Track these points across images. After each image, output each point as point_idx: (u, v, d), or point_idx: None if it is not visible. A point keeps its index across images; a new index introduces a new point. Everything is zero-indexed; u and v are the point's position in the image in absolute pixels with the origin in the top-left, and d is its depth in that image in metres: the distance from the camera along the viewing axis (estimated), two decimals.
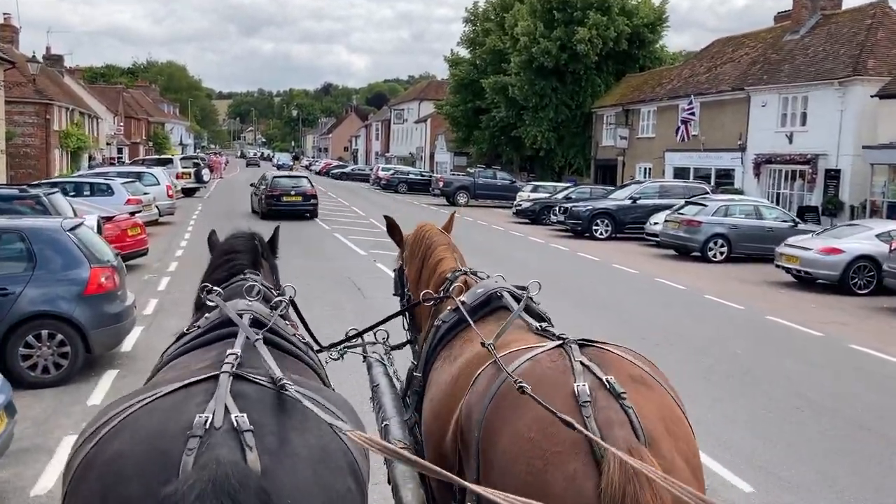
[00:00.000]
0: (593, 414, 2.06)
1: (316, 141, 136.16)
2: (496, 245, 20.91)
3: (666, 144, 32.87)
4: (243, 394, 1.87)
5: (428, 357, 3.06)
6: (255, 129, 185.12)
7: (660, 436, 2.09)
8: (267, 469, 1.70)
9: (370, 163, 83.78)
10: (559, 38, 38.38)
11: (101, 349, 7.58)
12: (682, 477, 2.00)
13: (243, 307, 2.41)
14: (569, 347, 2.34)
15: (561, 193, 29.80)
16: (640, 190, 24.27)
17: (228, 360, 1.99)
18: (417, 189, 47.61)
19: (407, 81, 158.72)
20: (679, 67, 35.68)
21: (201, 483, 1.56)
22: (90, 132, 42.91)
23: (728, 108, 29.21)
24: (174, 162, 35.90)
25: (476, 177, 38.73)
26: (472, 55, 48.46)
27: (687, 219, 19.15)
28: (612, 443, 1.98)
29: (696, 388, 7.81)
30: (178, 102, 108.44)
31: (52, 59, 45.14)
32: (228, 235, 3.38)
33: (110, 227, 13.85)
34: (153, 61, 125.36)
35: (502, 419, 2.20)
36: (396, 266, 4.02)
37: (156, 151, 68.08)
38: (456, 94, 48.74)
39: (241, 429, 1.74)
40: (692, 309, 12.52)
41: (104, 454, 1.76)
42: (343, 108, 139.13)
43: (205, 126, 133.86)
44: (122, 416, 1.84)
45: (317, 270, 14.83)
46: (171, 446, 1.70)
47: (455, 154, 57.65)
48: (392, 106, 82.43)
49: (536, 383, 2.18)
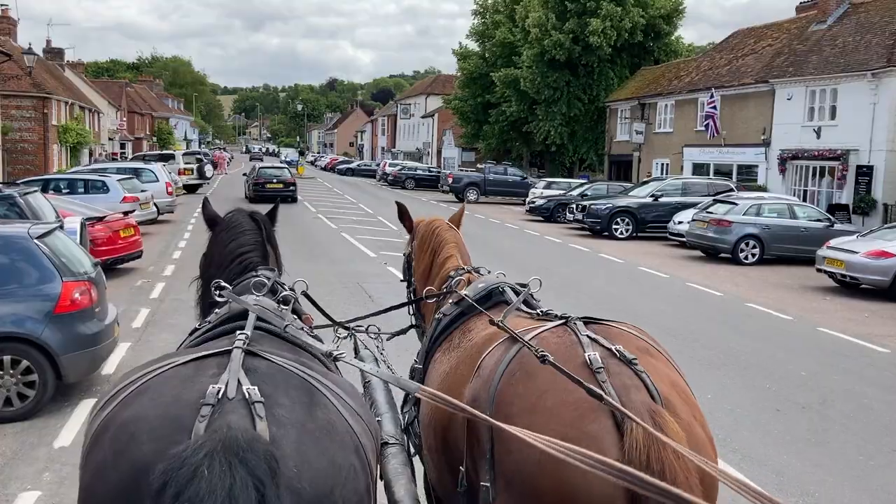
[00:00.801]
0: (608, 379, 2.08)
1: (321, 136, 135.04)
2: (512, 245, 19.82)
3: (684, 139, 31.69)
4: (254, 368, 1.93)
5: (429, 349, 3.07)
6: (260, 125, 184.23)
7: (675, 399, 2.12)
8: (275, 437, 1.74)
9: (376, 158, 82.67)
10: (572, 30, 37.16)
11: (75, 376, 6.51)
12: (699, 439, 2.07)
13: (252, 303, 2.44)
14: (573, 324, 2.37)
15: (576, 190, 28.66)
16: (662, 187, 23.11)
17: (240, 337, 2.06)
18: (425, 185, 46.52)
19: (412, 77, 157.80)
20: (698, 59, 34.44)
21: (211, 443, 1.59)
22: (91, 127, 41.90)
23: (751, 101, 28.00)
24: (176, 157, 34.87)
25: (486, 173, 37.60)
26: (482, 48, 47.26)
27: (716, 218, 18.00)
28: (631, 406, 2.00)
29: (776, 423, 6.71)
30: (183, 97, 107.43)
31: (52, 52, 44.17)
32: (231, 221, 3.22)
33: (101, 228, 12.81)
34: (158, 56, 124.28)
35: (514, 393, 2.20)
36: (406, 251, 4.05)
37: (160, 147, 67.33)
38: (465, 89, 47.55)
39: (251, 399, 1.78)
40: (736, 319, 11.39)
41: (119, 419, 1.81)
42: (348, 103, 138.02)
43: (210, 121, 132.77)
44: (139, 384, 1.90)
45: (324, 275, 13.76)
46: (184, 412, 1.75)
47: (463, 149, 56.49)
48: (398, 101, 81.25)
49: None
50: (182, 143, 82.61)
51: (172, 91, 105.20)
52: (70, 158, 35.84)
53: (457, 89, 49.07)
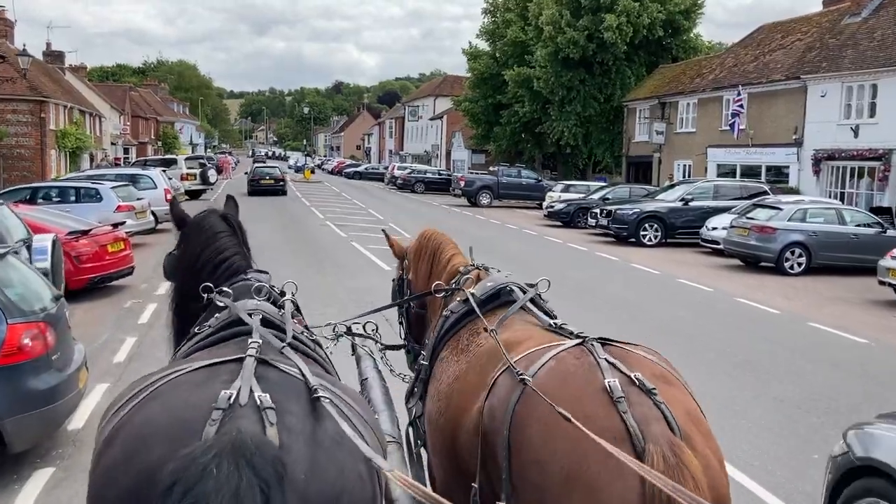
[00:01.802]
0: (629, 409, 2.06)
1: (328, 139, 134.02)
2: (535, 254, 18.46)
3: (708, 139, 30.24)
4: (266, 377, 1.92)
5: (435, 346, 3.03)
6: (266, 129, 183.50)
7: (692, 432, 2.11)
8: (284, 444, 1.73)
9: (384, 161, 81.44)
10: (586, 27, 35.78)
11: (24, 443, 5.16)
12: (716, 472, 2.08)
13: (252, 307, 2.42)
14: (590, 345, 2.33)
15: (596, 194, 27.26)
16: (692, 190, 21.70)
17: (252, 345, 2.05)
18: (435, 189, 45.18)
19: (418, 79, 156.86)
20: (721, 56, 32.99)
21: (220, 445, 1.60)
22: (91, 131, 40.73)
23: (781, 98, 26.54)
24: (178, 162, 33.62)
25: (499, 176, 36.21)
26: (492, 48, 45.91)
27: (758, 224, 16.58)
28: (652, 438, 2.00)
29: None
30: (189, 101, 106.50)
31: (52, 55, 43.04)
32: (204, 222, 3.04)
33: (85, 242, 11.52)
34: (163, 60, 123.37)
35: (533, 417, 2.15)
36: (396, 276, 4.02)
37: (165, 151, 66.24)
38: (475, 89, 46.18)
39: (263, 406, 1.78)
40: (804, 344, 9.98)
41: (131, 423, 1.82)
42: (355, 106, 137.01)
43: (216, 125, 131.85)
44: (150, 389, 1.90)
45: (333, 290, 12.46)
46: (195, 417, 1.74)
47: (473, 151, 55.14)
48: (406, 103, 79.96)
49: (563, 380, 2.20)
50: (188, 147, 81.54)
51: (178, 95, 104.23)
52: (69, 164, 34.64)
53: (467, 90, 47.72)
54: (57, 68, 42.29)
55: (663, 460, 1.94)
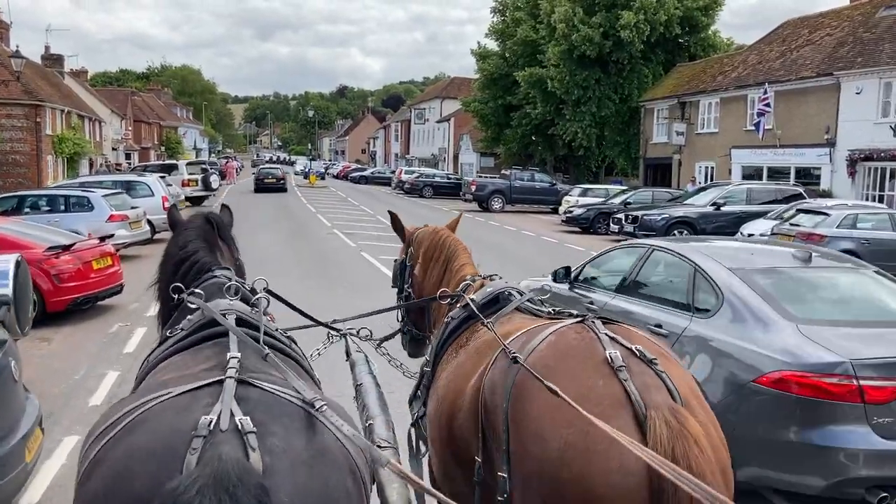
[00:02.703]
0: (630, 378, 2.08)
1: (332, 143, 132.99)
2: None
3: (731, 140, 28.92)
4: (247, 397, 1.90)
5: (437, 352, 3.08)
6: (271, 133, 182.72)
7: (693, 401, 2.13)
8: (268, 468, 1.73)
9: (389, 165, 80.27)
10: (601, 24, 34.50)
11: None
12: (715, 440, 2.06)
13: (225, 307, 2.41)
14: (591, 322, 2.35)
15: (617, 198, 25.95)
16: (724, 194, 20.36)
17: (231, 364, 2.01)
18: (444, 193, 43.94)
19: (422, 83, 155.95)
20: (744, 53, 31.64)
21: (203, 478, 1.58)
22: (91, 136, 39.59)
23: (811, 96, 25.20)
24: (179, 168, 32.43)
25: (512, 179, 34.93)
26: (502, 48, 44.66)
27: (805, 231, 15.24)
28: (653, 404, 2.01)
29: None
30: (192, 106, 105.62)
31: (50, 59, 41.96)
32: (185, 223, 3.17)
33: (67, 259, 10.25)
34: (167, 65, 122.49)
35: (534, 387, 2.15)
36: (399, 259, 3.98)
37: (168, 156, 65.20)
38: (484, 90, 44.91)
39: (244, 430, 1.76)
40: None
41: (113, 452, 1.79)
42: (359, 109, 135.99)
43: (220, 130, 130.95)
44: (132, 416, 1.85)
45: (343, 310, 11.11)
46: (176, 445, 1.73)
47: (481, 155, 53.89)
48: (412, 105, 78.73)
49: (565, 352, 2.23)
50: (191, 152, 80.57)
51: (182, 100, 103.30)
52: (67, 170, 33.48)
53: (476, 91, 46.45)
54: (56, 72, 41.20)
55: (666, 425, 1.95)
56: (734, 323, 4.78)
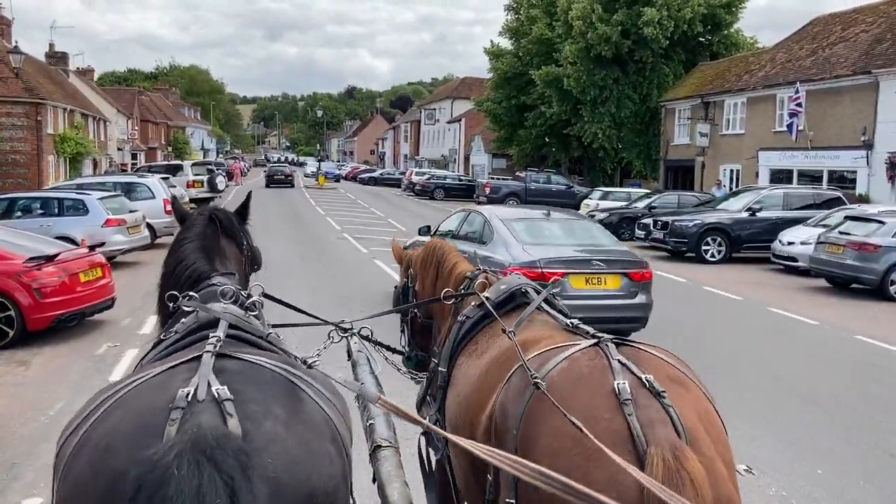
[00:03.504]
0: (635, 412, 2.05)
1: (341, 144, 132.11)
2: None
3: (759, 142, 27.66)
4: (225, 368, 1.92)
5: (452, 352, 2.99)
6: (279, 134, 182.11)
7: (700, 435, 2.08)
8: (248, 432, 1.74)
9: (398, 166, 79.21)
10: (620, 23, 33.28)
11: None
12: (720, 477, 2.03)
13: (219, 310, 2.39)
14: (605, 346, 2.32)
15: (640, 202, 24.74)
16: (760, 199, 19.12)
17: (211, 341, 2.05)
18: (456, 195, 42.79)
19: (430, 84, 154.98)
20: (770, 51, 30.36)
21: (181, 444, 1.60)
22: (95, 136, 38.62)
23: (846, 96, 23.93)
24: (185, 168, 31.39)
25: (527, 182, 33.78)
26: (516, 46, 43.47)
27: (857, 241, 14.02)
28: (654, 441, 1.99)
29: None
30: (200, 106, 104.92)
31: (54, 56, 41.01)
32: (188, 223, 3.13)
33: (51, 271, 9.18)
34: (175, 65, 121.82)
35: (542, 416, 2.16)
36: (400, 284, 4.04)
37: (175, 156, 64.34)
38: (498, 90, 43.70)
39: (221, 398, 1.78)
40: None
41: (95, 434, 1.79)
42: (368, 110, 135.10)
43: (228, 131, 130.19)
44: (112, 400, 1.87)
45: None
46: (156, 418, 1.74)
47: (493, 156, 52.69)
48: (422, 106, 77.58)
49: (575, 381, 2.22)
50: (199, 152, 79.72)
51: (190, 100, 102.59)
52: (70, 170, 32.50)
53: (489, 90, 45.24)
54: (60, 70, 40.28)
55: (663, 463, 1.93)
56: (498, 246, 9.23)
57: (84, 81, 46.43)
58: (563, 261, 8.67)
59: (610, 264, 8.94)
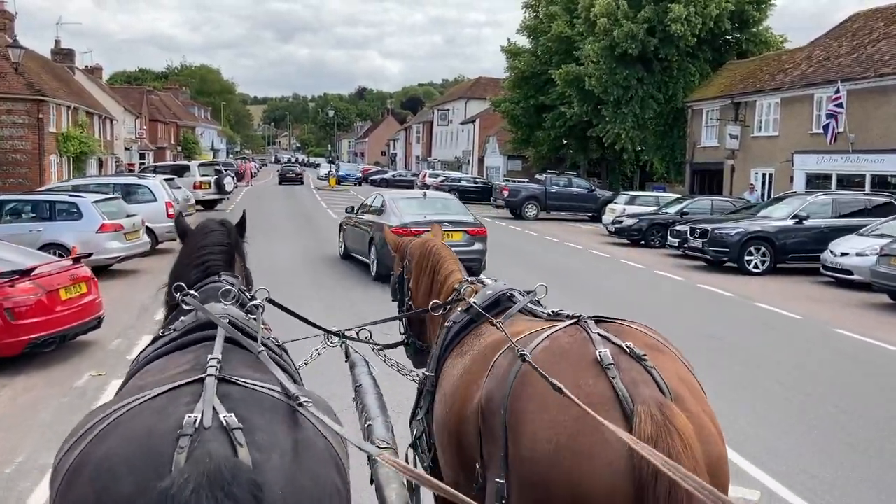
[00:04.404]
0: (618, 375, 2.13)
1: (351, 145, 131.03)
2: (623, 288, 14.67)
3: (794, 144, 26.20)
4: (228, 394, 1.88)
5: (440, 357, 3.05)
6: (289, 134, 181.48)
7: (684, 393, 2.15)
8: (257, 463, 1.71)
9: (410, 168, 77.98)
10: (647, 20, 31.89)
11: None
12: (708, 431, 2.11)
13: (220, 311, 2.37)
14: (585, 322, 2.41)
15: (671, 207, 23.37)
16: (807, 205, 17.71)
17: (211, 363, 1.99)
18: (471, 198, 41.34)
19: (441, 85, 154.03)
20: (806, 49, 28.88)
21: (196, 477, 1.57)
22: (101, 135, 37.57)
23: (893, 95, 22.46)
24: (191, 169, 30.27)
25: (548, 184, 32.43)
26: (534, 44, 42.14)
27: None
28: (640, 400, 2.04)
29: None
30: (211, 106, 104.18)
31: (60, 53, 40.03)
32: (199, 226, 3.16)
33: (27, 288, 7.95)
34: (186, 65, 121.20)
35: (529, 393, 2.22)
36: (395, 272, 4.08)
37: (185, 156, 63.44)
38: (515, 89, 42.36)
39: (230, 427, 1.74)
40: None
41: (95, 455, 1.74)
42: (379, 111, 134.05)
43: (238, 131, 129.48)
44: (110, 419, 1.82)
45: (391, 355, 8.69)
46: (162, 445, 1.70)
47: (509, 157, 51.34)
48: (435, 106, 76.32)
49: (559, 355, 2.28)
50: (208, 152, 78.83)
51: (200, 100, 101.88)
52: (73, 170, 31.43)
53: (506, 90, 43.90)
54: (66, 67, 39.26)
55: (650, 419, 1.97)
56: (388, 215, 13.87)
57: (91, 79, 45.47)
58: (423, 222, 12.10)
59: (455, 224, 13.48)
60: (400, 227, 12.07)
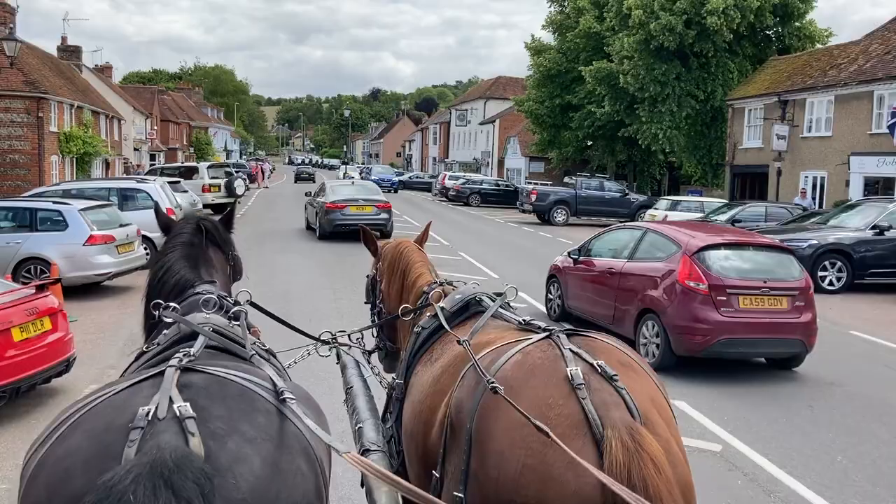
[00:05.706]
0: (589, 396, 2.08)
1: (366, 146, 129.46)
2: None
3: (850, 145, 24.13)
4: (190, 383, 1.85)
5: (409, 363, 3.02)
6: (303, 136, 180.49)
7: (654, 417, 2.11)
8: (210, 451, 1.68)
9: (426, 169, 76.17)
10: (684, 11, 29.88)
11: None
12: (677, 458, 2.06)
13: (201, 321, 2.36)
14: (557, 337, 2.35)
15: (721, 215, 21.34)
16: (887, 215, 15.67)
17: (177, 356, 1.98)
18: (493, 201, 39.58)
19: (455, 87, 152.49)
20: (861, 43, 26.73)
21: (139, 467, 1.55)
22: (108, 135, 36.00)
23: None
24: (200, 171, 28.58)
25: (578, 188, 30.46)
26: (560, 41, 40.19)
27: None
28: (610, 423, 2.00)
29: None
30: (224, 107, 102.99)
31: (67, 50, 38.48)
32: (172, 232, 3.06)
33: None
34: (200, 66, 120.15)
35: (496, 409, 2.15)
36: (370, 274, 4.07)
37: (197, 157, 62.04)
38: (539, 88, 40.39)
39: (182, 416, 1.72)
40: None
41: (54, 455, 1.75)
42: (394, 112, 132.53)
43: (252, 132, 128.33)
44: (73, 419, 1.82)
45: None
46: (115, 439, 1.69)
47: (530, 159, 49.36)
48: (453, 106, 74.43)
49: (528, 372, 2.22)
50: (221, 153, 77.44)
51: (213, 100, 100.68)
52: (77, 172, 29.81)
53: (530, 89, 41.93)
54: (72, 65, 37.73)
55: (622, 445, 1.93)
56: (326, 195, 20.88)
57: (100, 78, 43.99)
58: (345, 200, 20.01)
59: (368, 200, 20.40)
60: (331, 203, 19.91)
